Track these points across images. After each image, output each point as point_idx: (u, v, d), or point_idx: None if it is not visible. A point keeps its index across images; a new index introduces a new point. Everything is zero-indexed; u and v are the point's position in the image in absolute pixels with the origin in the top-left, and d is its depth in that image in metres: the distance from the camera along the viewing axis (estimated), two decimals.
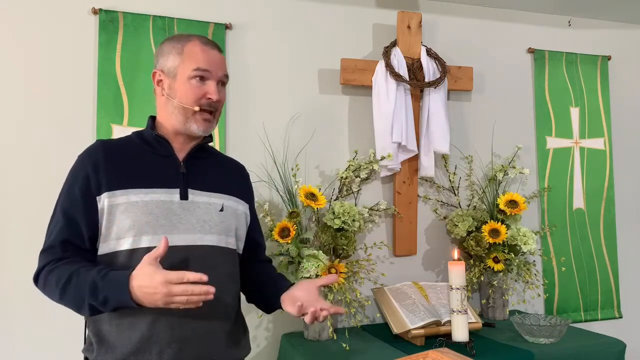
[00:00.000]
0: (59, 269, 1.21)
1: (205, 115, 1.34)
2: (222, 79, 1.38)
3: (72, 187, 1.28)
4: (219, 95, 1.35)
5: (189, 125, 1.34)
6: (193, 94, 1.32)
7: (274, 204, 2.20)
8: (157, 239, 1.24)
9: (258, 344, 2.17)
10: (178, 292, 1.10)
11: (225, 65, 1.40)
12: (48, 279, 1.22)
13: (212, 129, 1.38)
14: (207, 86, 1.34)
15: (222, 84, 1.39)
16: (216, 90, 1.34)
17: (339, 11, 2.36)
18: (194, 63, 1.33)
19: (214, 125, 1.38)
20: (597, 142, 2.73)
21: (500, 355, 1.82)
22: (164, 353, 1.22)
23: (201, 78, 1.33)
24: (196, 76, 1.33)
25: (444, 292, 2.14)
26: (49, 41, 1.99)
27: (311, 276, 1.93)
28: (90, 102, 2.01)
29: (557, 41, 2.70)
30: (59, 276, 1.20)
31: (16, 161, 1.94)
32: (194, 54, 1.34)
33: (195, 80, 1.33)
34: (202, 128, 1.35)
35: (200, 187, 1.36)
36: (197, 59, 1.33)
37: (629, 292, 2.74)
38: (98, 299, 1.16)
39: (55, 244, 1.25)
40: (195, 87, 1.33)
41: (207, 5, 2.17)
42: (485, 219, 2.32)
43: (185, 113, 1.33)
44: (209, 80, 1.34)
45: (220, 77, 1.37)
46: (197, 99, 1.33)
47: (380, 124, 2.24)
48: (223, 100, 1.39)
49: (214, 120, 1.38)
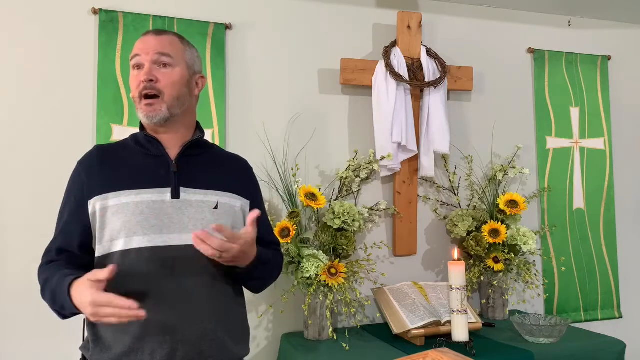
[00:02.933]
0: (45, 272, 1.28)
1: (145, 100, 1.29)
2: (156, 57, 1.30)
3: (70, 193, 1.33)
4: (148, 75, 1.28)
5: (139, 116, 1.33)
6: (132, 83, 1.32)
7: (274, 204, 2.20)
8: (148, 239, 1.25)
9: (258, 344, 2.17)
10: (106, 314, 1.10)
11: (162, 44, 1.31)
12: (39, 277, 1.28)
13: (159, 113, 1.30)
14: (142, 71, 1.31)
15: (163, 64, 1.31)
16: (147, 71, 1.28)
17: (339, 11, 2.36)
18: (131, 54, 1.33)
19: (161, 110, 1.30)
20: (597, 142, 2.73)
21: (500, 355, 1.82)
22: (156, 353, 1.22)
23: (138, 66, 1.31)
24: (133, 66, 1.32)
25: (444, 292, 2.14)
26: (49, 41, 1.99)
27: (311, 276, 1.93)
28: (90, 102, 2.01)
29: (557, 41, 2.70)
30: (43, 278, 1.27)
31: (16, 161, 1.94)
32: (134, 46, 1.34)
33: (134, 70, 1.32)
34: (145, 114, 1.30)
35: (194, 185, 1.34)
36: (133, 49, 1.33)
37: (629, 292, 2.74)
38: (57, 305, 1.22)
39: (52, 248, 1.31)
40: (133, 76, 1.32)
41: (207, 5, 2.17)
42: (485, 219, 2.32)
43: (135, 105, 1.33)
44: (145, 65, 1.30)
45: (152, 58, 1.29)
46: (135, 86, 1.31)
47: (380, 124, 2.24)
48: (165, 81, 1.30)
49: (159, 104, 1.29)
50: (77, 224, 1.29)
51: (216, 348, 1.29)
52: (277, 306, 2.15)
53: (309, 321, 2.02)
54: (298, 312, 2.15)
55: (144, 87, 1.29)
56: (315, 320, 2.01)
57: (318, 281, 1.94)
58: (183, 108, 1.36)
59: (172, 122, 1.34)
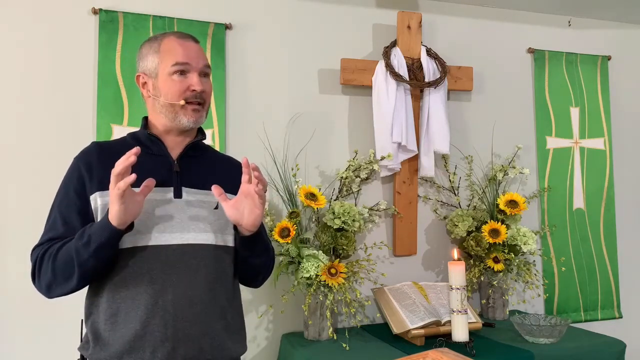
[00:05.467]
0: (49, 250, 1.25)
1: (193, 106, 1.34)
2: (203, 69, 1.36)
3: (68, 187, 1.31)
4: (203, 86, 1.34)
5: (179, 120, 1.34)
6: (176, 89, 1.32)
7: (274, 204, 2.20)
8: (150, 237, 1.26)
9: (258, 344, 2.17)
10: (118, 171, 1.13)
11: (204, 55, 1.38)
12: (42, 264, 1.25)
13: (202, 120, 1.37)
14: (189, 79, 1.33)
15: (205, 75, 1.37)
16: (199, 81, 1.33)
17: (339, 11, 2.36)
18: (172, 58, 1.33)
19: (203, 117, 1.37)
20: (597, 142, 2.73)
21: (500, 355, 1.82)
22: (157, 352, 1.22)
23: (182, 72, 1.33)
24: (176, 71, 1.32)
25: (444, 292, 2.14)
26: (49, 41, 1.99)
27: (311, 276, 1.93)
28: (90, 102, 2.01)
29: (557, 41, 2.70)
30: (50, 253, 1.24)
31: (16, 161, 1.94)
32: (171, 49, 1.34)
33: (177, 75, 1.33)
34: (193, 119, 1.34)
35: (195, 186, 1.35)
36: (174, 53, 1.33)
37: (629, 292, 2.74)
38: (83, 239, 1.18)
39: (44, 242, 1.28)
40: (177, 82, 1.32)
41: (207, 5, 2.17)
42: (485, 219, 2.32)
43: (173, 109, 1.33)
44: (190, 73, 1.33)
45: (201, 68, 1.35)
46: (181, 93, 1.32)
47: (380, 124, 2.24)
48: (209, 91, 1.38)
49: (202, 111, 1.36)
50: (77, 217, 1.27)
51: (216, 346, 1.29)
52: (277, 306, 2.15)
53: (309, 321, 2.02)
54: (298, 312, 2.15)
55: (194, 95, 1.33)
56: (315, 320, 2.01)
57: (318, 281, 1.94)
58: None
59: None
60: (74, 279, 1.21)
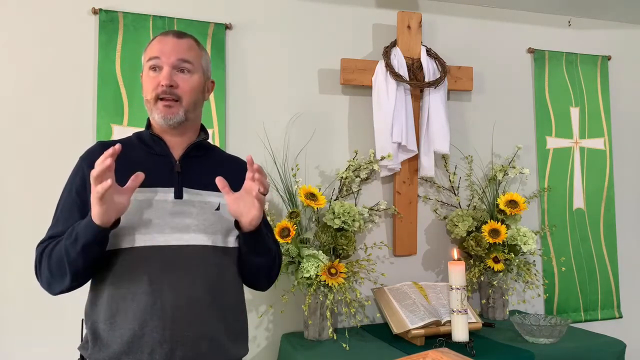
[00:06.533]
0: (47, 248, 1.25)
1: (164, 102, 1.30)
2: (177, 64, 1.32)
3: (71, 187, 1.32)
4: (169, 80, 1.29)
5: (153, 117, 1.33)
6: (148, 84, 1.32)
7: (274, 204, 2.20)
8: (149, 238, 1.25)
9: (258, 344, 2.17)
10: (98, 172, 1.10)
11: (183, 49, 1.33)
12: (42, 261, 1.25)
13: (176, 116, 1.32)
14: (162, 74, 1.31)
15: (181, 70, 1.33)
16: (166, 76, 1.29)
17: (339, 11, 2.36)
18: (148, 54, 1.34)
19: (179, 114, 1.32)
20: (597, 142, 2.73)
21: (500, 355, 1.82)
22: (155, 353, 1.22)
23: (156, 68, 1.32)
24: (151, 67, 1.32)
25: (444, 292, 2.14)
26: (49, 41, 1.99)
27: (311, 276, 1.93)
28: (90, 102, 2.01)
29: (557, 41, 2.70)
30: (47, 251, 1.25)
31: (16, 161, 1.94)
32: (151, 46, 1.35)
33: (152, 71, 1.32)
34: (162, 115, 1.31)
35: (196, 186, 1.35)
36: (150, 49, 1.34)
37: (629, 292, 2.74)
38: (71, 238, 1.18)
39: (45, 240, 1.29)
40: (151, 77, 1.32)
41: (207, 5, 2.17)
42: (485, 219, 2.32)
43: (149, 106, 1.34)
44: (163, 68, 1.31)
45: (173, 62, 1.31)
46: (152, 88, 1.31)
47: (380, 124, 2.24)
48: (184, 86, 1.32)
49: (177, 107, 1.31)
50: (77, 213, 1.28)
51: (215, 348, 1.28)
52: (277, 306, 2.15)
53: (309, 321, 2.02)
54: (298, 312, 2.15)
55: (162, 91, 1.30)
56: (315, 320, 2.01)
57: (318, 281, 1.94)
58: (196, 112, 1.39)
59: (185, 125, 1.36)
60: (67, 276, 1.22)
